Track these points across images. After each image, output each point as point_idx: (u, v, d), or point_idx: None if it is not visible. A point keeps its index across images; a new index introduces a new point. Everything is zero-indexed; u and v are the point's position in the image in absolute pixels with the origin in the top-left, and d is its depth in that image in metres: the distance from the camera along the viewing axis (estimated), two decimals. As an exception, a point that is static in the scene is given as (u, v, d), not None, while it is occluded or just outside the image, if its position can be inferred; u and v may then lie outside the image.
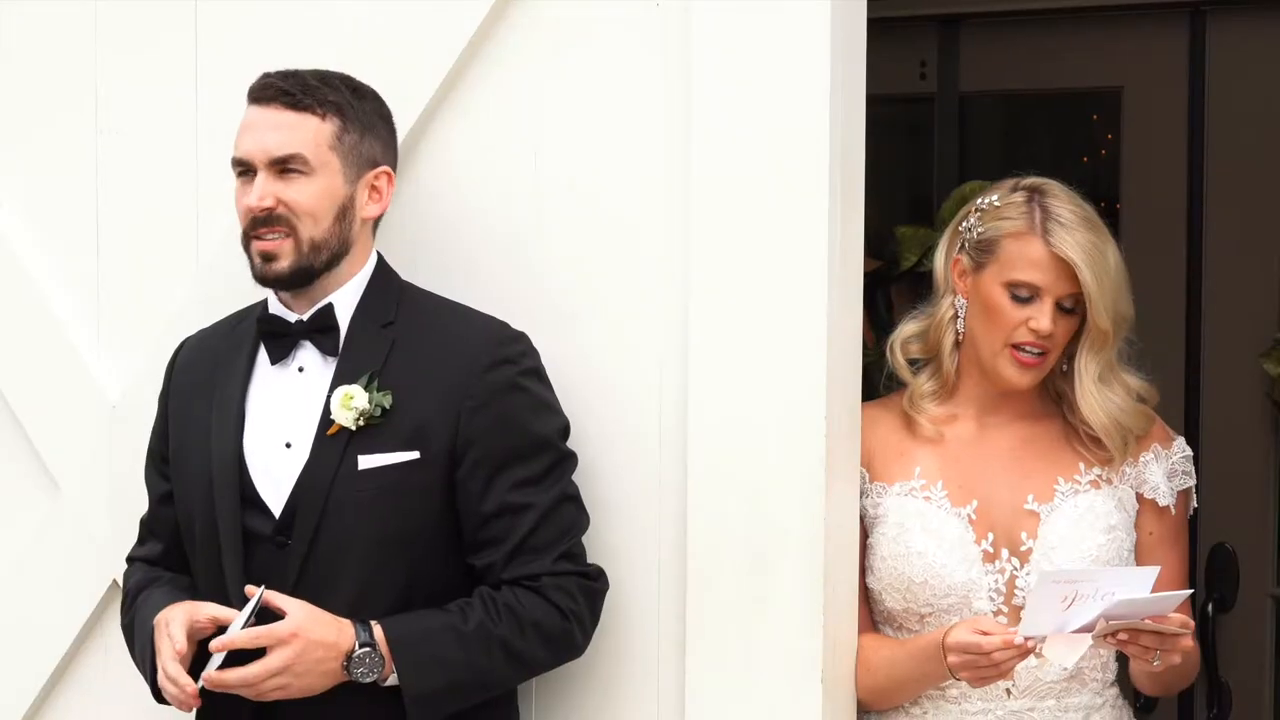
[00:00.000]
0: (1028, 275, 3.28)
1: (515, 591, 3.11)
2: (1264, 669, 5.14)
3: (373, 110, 3.20)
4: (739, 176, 3.19)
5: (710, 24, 3.22)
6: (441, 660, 3.06)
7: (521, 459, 3.12)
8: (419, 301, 3.23)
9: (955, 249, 3.37)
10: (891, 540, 3.30)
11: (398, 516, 3.10)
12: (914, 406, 3.38)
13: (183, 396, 3.28)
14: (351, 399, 3.10)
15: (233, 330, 3.28)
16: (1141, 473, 3.37)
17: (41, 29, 3.66)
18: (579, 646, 3.19)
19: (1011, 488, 3.33)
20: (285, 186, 3.12)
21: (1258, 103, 5.11)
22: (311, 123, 3.12)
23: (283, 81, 3.14)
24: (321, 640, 3.01)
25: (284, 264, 3.14)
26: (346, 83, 3.19)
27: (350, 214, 3.16)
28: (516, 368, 3.15)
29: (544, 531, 3.12)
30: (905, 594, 3.28)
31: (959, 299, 3.37)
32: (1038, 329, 3.27)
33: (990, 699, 3.28)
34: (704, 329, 3.23)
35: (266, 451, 3.16)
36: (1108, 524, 3.31)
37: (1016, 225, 3.29)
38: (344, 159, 3.14)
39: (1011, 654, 3.06)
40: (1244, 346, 5.08)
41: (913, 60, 5.50)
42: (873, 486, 3.35)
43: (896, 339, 3.44)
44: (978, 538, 3.29)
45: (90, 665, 3.64)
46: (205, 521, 3.17)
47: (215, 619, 3.06)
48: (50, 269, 3.67)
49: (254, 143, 3.14)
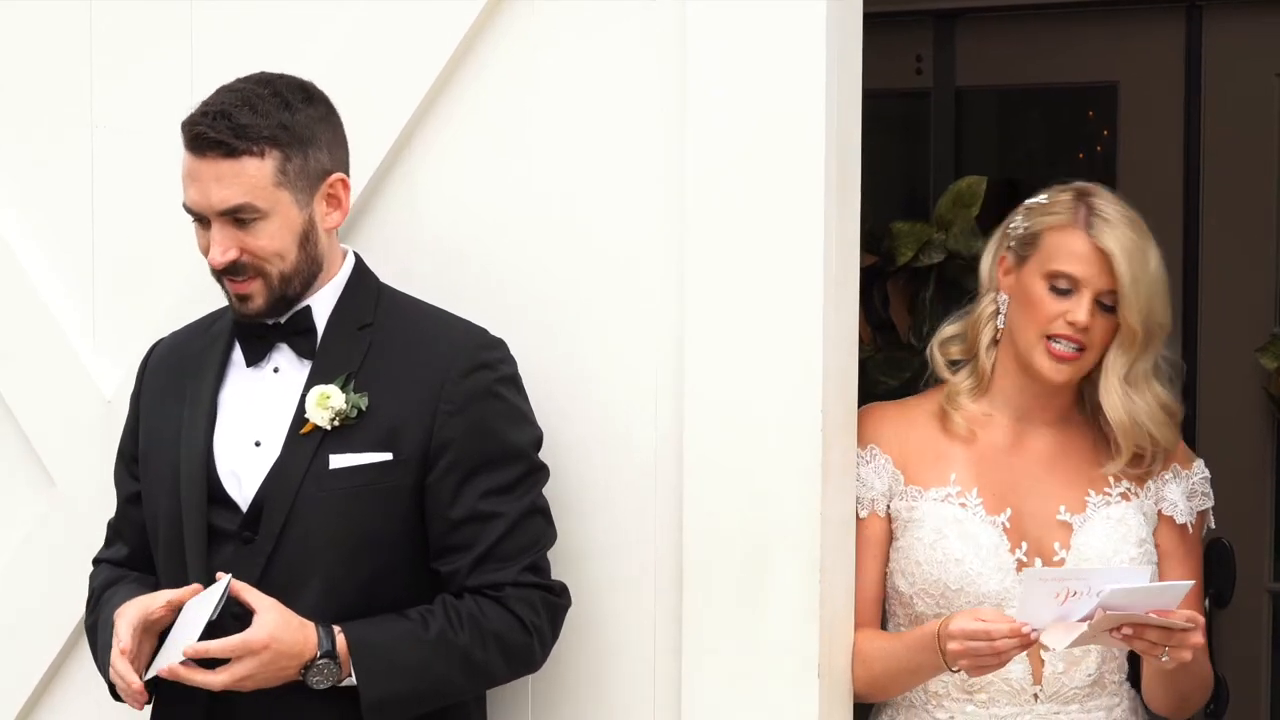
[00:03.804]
0: (1068, 266, 3.29)
1: (478, 601, 3.09)
2: (1261, 664, 5.15)
3: (311, 118, 3.10)
4: (734, 172, 3.19)
5: (705, 19, 3.21)
6: (400, 667, 3.04)
7: (494, 467, 3.10)
8: (398, 304, 3.21)
9: (1002, 248, 3.40)
10: (929, 546, 3.30)
11: (366, 517, 3.08)
12: (950, 402, 3.38)
13: (154, 396, 3.27)
14: (328, 399, 3.08)
15: (207, 330, 3.26)
16: (1161, 489, 3.39)
17: (36, 28, 3.66)
18: (537, 661, 3.17)
19: (1044, 497, 3.34)
20: (243, 234, 3.06)
21: (1253, 98, 5.11)
22: (251, 166, 3.04)
23: (213, 130, 3.03)
24: (289, 650, 2.99)
25: (259, 302, 3.10)
26: (279, 96, 3.08)
27: (313, 235, 3.11)
28: (494, 374, 3.14)
29: (511, 541, 3.10)
30: (940, 600, 3.29)
31: (1001, 295, 3.38)
32: (1074, 321, 3.27)
33: (1019, 703, 3.30)
34: (700, 326, 3.23)
35: (236, 449, 3.14)
36: (1139, 537, 3.33)
37: (1061, 219, 3.32)
38: (293, 188, 3.07)
39: (1015, 643, 3.07)
40: (1241, 341, 5.08)
41: (909, 55, 5.50)
42: (908, 490, 3.35)
43: (936, 340, 3.46)
44: (1011, 547, 3.30)
45: (85, 661, 3.62)
46: (170, 518, 3.15)
47: (171, 604, 3.04)
48: (46, 265, 3.66)
49: (200, 196, 3.07)
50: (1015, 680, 3.27)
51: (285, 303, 3.12)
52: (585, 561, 3.28)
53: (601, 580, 3.30)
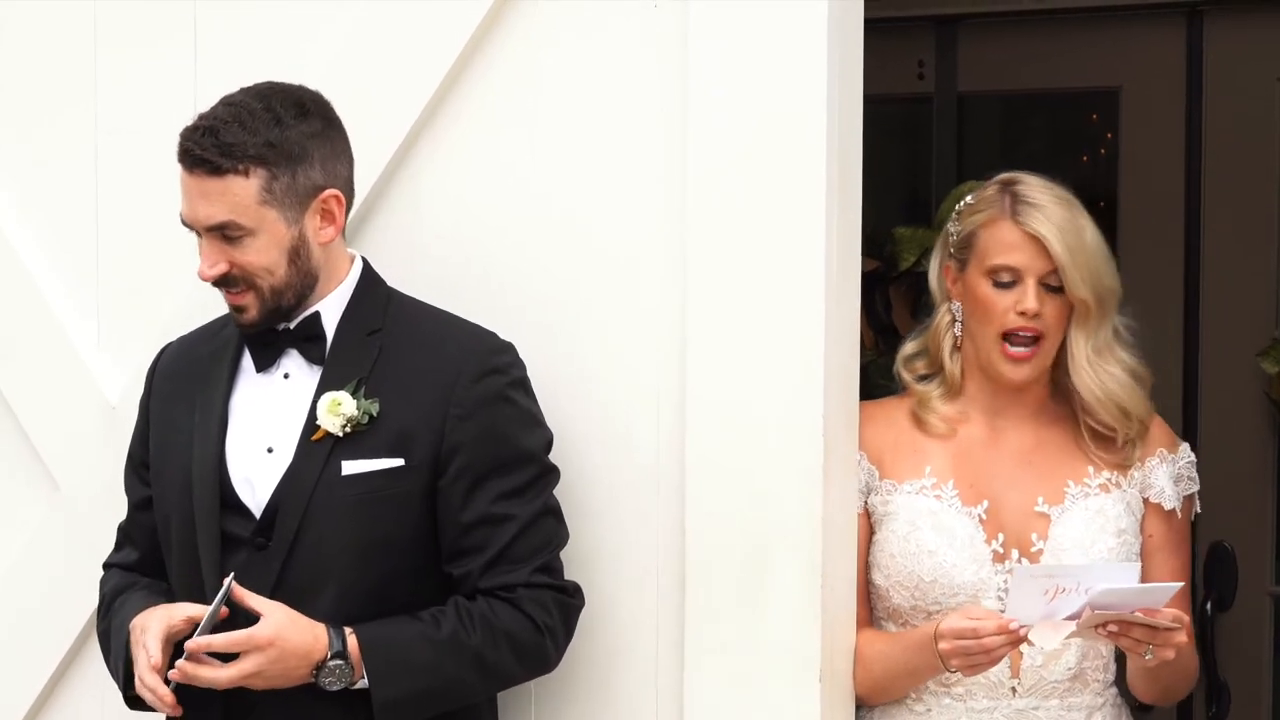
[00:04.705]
0: (1004, 258, 3.30)
1: (490, 602, 3.09)
2: (1262, 667, 5.15)
3: (303, 134, 3.09)
4: (735, 173, 3.20)
5: (707, 24, 3.22)
6: (412, 668, 3.05)
7: (505, 470, 3.11)
8: (406, 308, 3.21)
9: (945, 257, 3.41)
10: (902, 538, 3.31)
11: (379, 523, 3.09)
12: (924, 408, 3.39)
13: (164, 401, 3.27)
14: (339, 405, 3.09)
15: (216, 335, 3.27)
16: (1148, 477, 3.38)
17: (41, 28, 3.66)
18: (551, 661, 3.18)
19: (1022, 489, 3.34)
20: (231, 249, 3.07)
21: (1254, 102, 5.12)
22: (237, 184, 3.04)
23: (199, 147, 3.05)
24: (296, 650, 3.00)
25: (253, 314, 3.11)
26: (271, 112, 3.07)
27: (305, 250, 3.11)
28: (505, 378, 3.14)
29: (523, 543, 3.10)
30: (914, 592, 3.29)
31: (954, 304, 3.38)
32: (1025, 310, 3.28)
33: (996, 697, 3.29)
34: (702, 329, 3.23)
35: (248, 456, 3.14)
36: (1118, 527, 3.32)
37: (988, 213, 3.33)
38: (280, 205, 3.07)
39: (1004, 640, 3.08)
40: (1242, 345, 5.09)
41: (910, 60, 5.50)
42: (883, 484, 3.35)
43: (900, 359, 3.47)
44: (988, 538, 3.30)
45: (90, 665, 3.63)
46: (183, 524, 3.16)
47: (191, 619, 3.04)
48: (49, 268, 3.67)
49: (189, 210, 3.09)
50: (992, 674, 3.25)
51: (280, 314, 3.13)
52: (587, 563, 3.27)
53: (603, 581, 3.30)
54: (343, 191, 3.14)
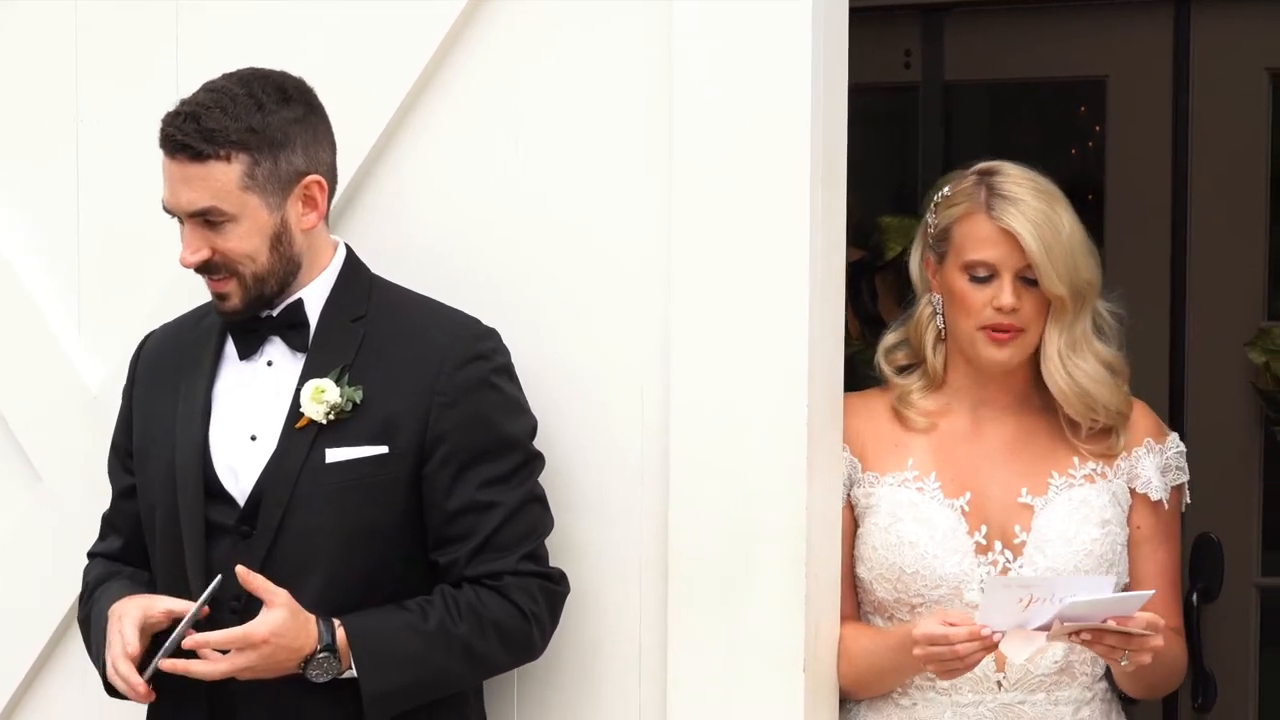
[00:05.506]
0: (979, 253, 3.28)
1: (477, 590, 3.10)
2: (1249, 658, 5.15)
3: (285, 120, 3.08)
4: (720, 165, 3.20)
5: (692, 17, 3.21)
6: (400, 658, 3.05)
7: (490, 457, 3.11)
8: (390, 295, 3.21)
9: (924, 249, 3.39)
10: (884, 530, 3.30)
11: (364, 510, 3.09)
12: (904, 403, 3.37)
13: (147, 389, 3.27)
14: (323, 392, 3.08)
15: (199, 323, 3.26)
16: (1134, 466, 3.37)
17: (22, 19, 3.65)
18: (537, 649, 3.18)
19: (1005, 481, 3.33)
20: (214, 235, 3.07)
21: (1242, 92, 5.11)
22: (218, 170, 3.04)
23: (181, 133, 3.05)
24: (289, 645, 3.00)
25: (235, 302, 3.11)
26: (253, 98, 3.07)
27: (287, 236, 3.11)
28: (489, 364, 3.14)
29: (509, 531, 3.11)
30: (896, 584, 3.29)
31: (934, 295, 3.37)
32: (1001, 305, 3.26)
33: (981, 691, 3.29)
34: (686, 320, 3.23)
35: (231, 444, 3.14)
36: (1102, 518, 3.31)
37: (964, 207, 3.31)
38: (262, 191, 3.07)
39: (976, 646, 3.06)
40: (1229, 335, 5.08)
41: (897, 49, 5.49)
42: (865, 476, 3.35)
43: (881, 351, 3.45)
44: (970, 529, 3.30)
45: (73, 656, 3.63)
46: (167, 513, 3.16)
47: (170, 612, 3.05)
48: (30, 260, 3.66)
49: (171, 196, 3.09)
50: (978, 667, 3.23)
51: (263, 301, 3.13)
52: (572, 558, 3.27)
53: (588, 576, 3.30)
54: (325, 177, 3.14)
